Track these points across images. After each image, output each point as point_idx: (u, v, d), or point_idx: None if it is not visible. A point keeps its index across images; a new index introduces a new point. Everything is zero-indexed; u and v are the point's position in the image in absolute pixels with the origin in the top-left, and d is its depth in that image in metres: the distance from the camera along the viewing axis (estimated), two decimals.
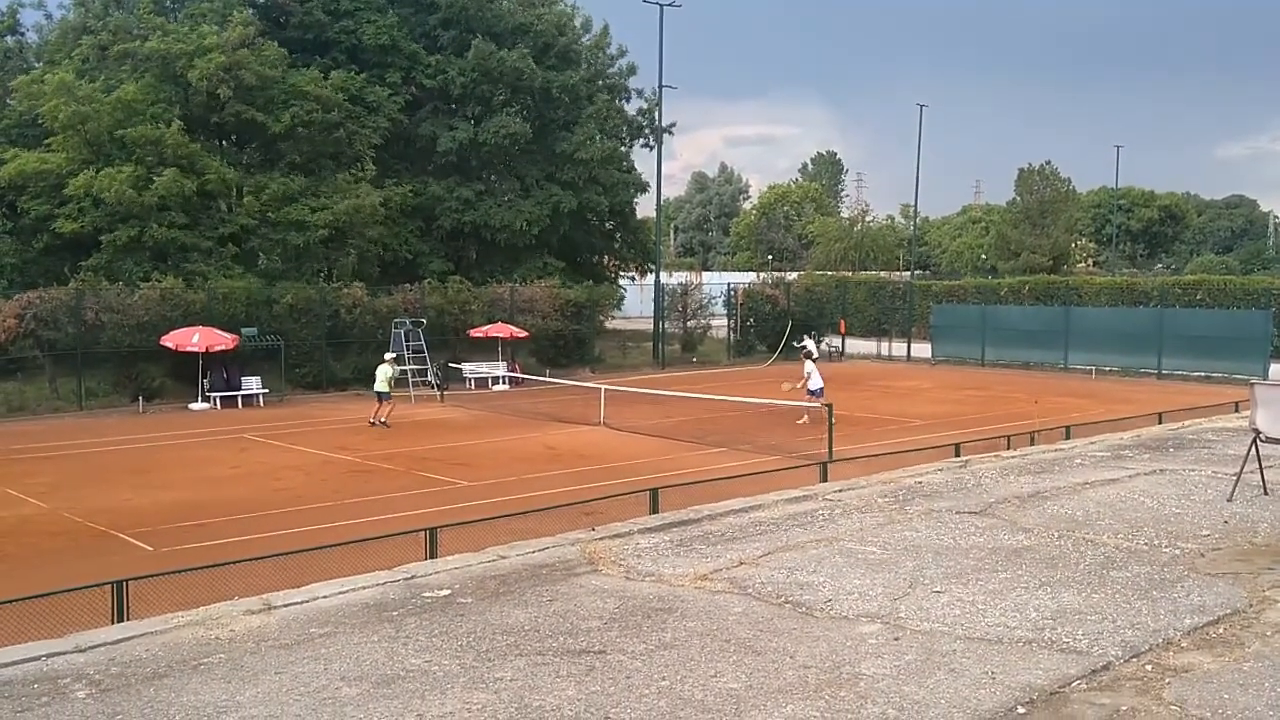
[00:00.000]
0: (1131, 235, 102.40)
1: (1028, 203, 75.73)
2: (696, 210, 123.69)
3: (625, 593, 8.43)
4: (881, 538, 10.23)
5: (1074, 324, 41.63)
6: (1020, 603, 8.09)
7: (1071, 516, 11.10)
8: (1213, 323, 38.48)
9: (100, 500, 17.69)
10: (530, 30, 45.78)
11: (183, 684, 6.50)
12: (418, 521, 13.56)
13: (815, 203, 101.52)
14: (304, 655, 7.00)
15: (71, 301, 30.58)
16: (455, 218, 43.98)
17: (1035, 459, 15.07)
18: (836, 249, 79.02)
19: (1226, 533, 10.40)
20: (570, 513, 13.39)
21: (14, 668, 6.81)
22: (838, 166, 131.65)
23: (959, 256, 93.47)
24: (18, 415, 28.59)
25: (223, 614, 7.85)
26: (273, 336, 32.90)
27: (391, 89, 42.55)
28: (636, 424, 26.14)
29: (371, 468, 21.27)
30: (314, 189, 38.25)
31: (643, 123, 51.18)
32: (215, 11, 39.50)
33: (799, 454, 20.86)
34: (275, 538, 14.52)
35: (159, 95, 36.49)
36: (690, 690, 6.36)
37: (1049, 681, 6.48)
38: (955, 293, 51.46)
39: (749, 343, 47.57)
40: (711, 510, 11.49)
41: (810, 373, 27.19)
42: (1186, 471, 13.86)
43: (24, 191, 35.10)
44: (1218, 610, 7.89)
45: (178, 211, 35.03)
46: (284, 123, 37.19)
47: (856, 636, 7.36)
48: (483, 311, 37.72)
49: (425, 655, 7.00)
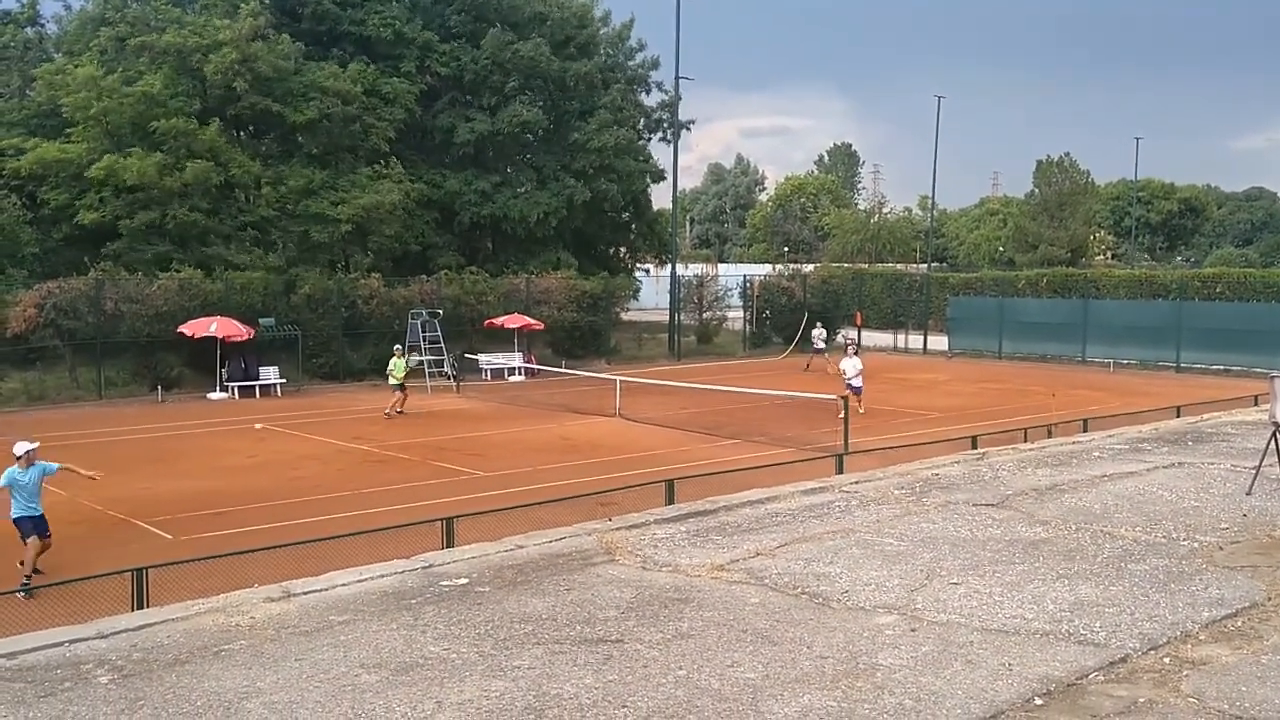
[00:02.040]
0: (1150, 228, 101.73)
1: (1046, 195, 75.32)
2: (712, 202, 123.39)
3: (642, 582, 8.46)
4: (898, 529, 10.22)
5: (1092, 317, 41.44)
6: (1038, 595, 8.08)
7: (1089, 509, 11.06)
8: (1232, 316, 38.24)
9: (119, 489, 17.82)
10: (548, 20, 45.65)
11: (204, 670, 6.56)
12: (434, 511, 13.62)
13: (831, 195, 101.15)
14: (324, 642, 7.04)
15: (91, 291, 30.78)
16: (474, 211, 44.02)
17: (1053, 452, 15.02)
18: (853, 241, 78.65)
19: (1245, 526, 10.35)
20: (587, 503, 13.43)
21: (37, 653, 6.88)
22: (854, 158, 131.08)
23: (976, 249, 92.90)
24: (38, 404, 28.82)
25: (243, 601, 7.91)
26: (290, 327, 33.06)
27: (407, 79, 42.57)
28: (652, 415, 26.16)
29: (388, 458, 21.36)
30: (332, 183, 38.37)
31: (662, 116, 51.08)
32: (226, 3, 39.57)
33: (815, 446, 20.85)
34: (293, 526, 14.61)
35: (177, 88, 36.66)
36: (707, 680, 6.38)
37: (1066, 673, 6.48)
38: (972, 285, 51.24)
39: (765, 335, 47.52)
40: (728, 501, 11.50)
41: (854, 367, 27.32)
42: (1205, 465, 13.79)
43: (44, 182, 35.34)
44: (1236, 603, 7.86)
45: (200, 198, 35.23)
46: (307, 116, 37.30)
47: (873, 627, 7.36)
48: (499, 303, 37.80)
49: (443, 643, 7.04)
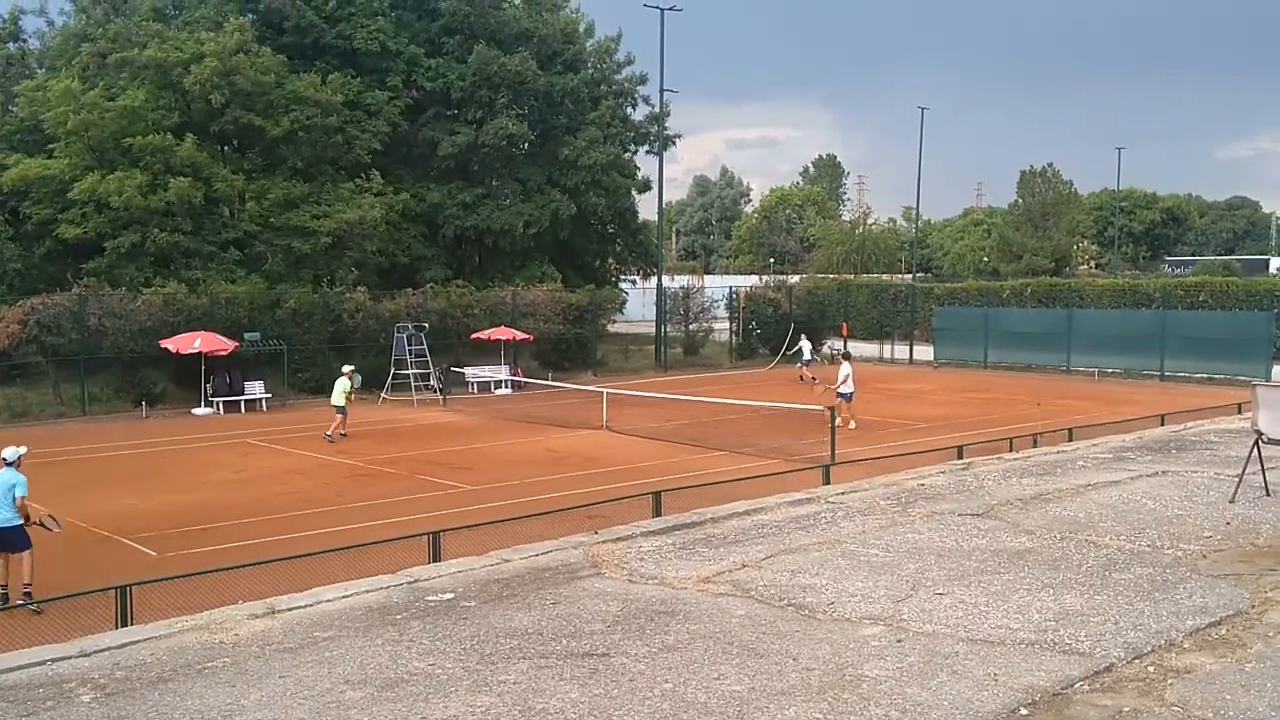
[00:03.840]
0: (1134, 237, 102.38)
1: (1030, 205, 75.77)
2: (698, 214, 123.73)
3: (628, 595, 8.45)
4: (884, 540, 10.24)
5: (1076, 326, 41.61)
6: (1023, 604, 8.10)
7: (1074, 518, 11.10)
8: (1215, 324, 38.46)
9: (103, 505, 17.71)
10: (534, 36, 45.74)
11: (187, 688, 6.52)
12: (420, 525, 13.58)
13: (817, 206, 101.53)
14: (308, 659, 7.01)
15: (75, 307, 30.62)
16: (458, 224, 44.02)
17: (1038, 461, 15.08)
18: (838, 252, 78.96)
19: (1229, 534, 10.40)
20: (573, 516, 13.41)
21: (20, 672, 6.83)
22: (839, 169, 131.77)
23: (961, 259, 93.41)
24: (20, 421, 28.62)
25: (227, 618, 7.87)
26: (275, 341, 32.94)
27: (392, 92, 42.59)
28: (639, 427, 26.15)
29: (374, 472, 21.29)
30: (315, 195, 38.33)
31: (647, 129, 51.23)
32: (209, 19, 39.56)
33: (802, 456, 20.86)
34: (278, 542, 14.54)
35: (159, 102, 36.58)
36: (693, 693, 6.37)
37: (1051, 683, 6.49)
38: (957, 295, 51.46)
39: (751, 346, 47.57)
40: (714, 513, 11.50)
41: (847, 375, 26.99)
42: (1189, 473, 13.86)
43: (26, 197, 35.19)
44: (1220, 611, 7.89)
45: (183, 217, 35.13)
46: (283, 127, 37.25)
47: (859, 639, 7.37)
48: (485, 315, 37.75)
49: (429, 658, 7.01)
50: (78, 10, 43.43)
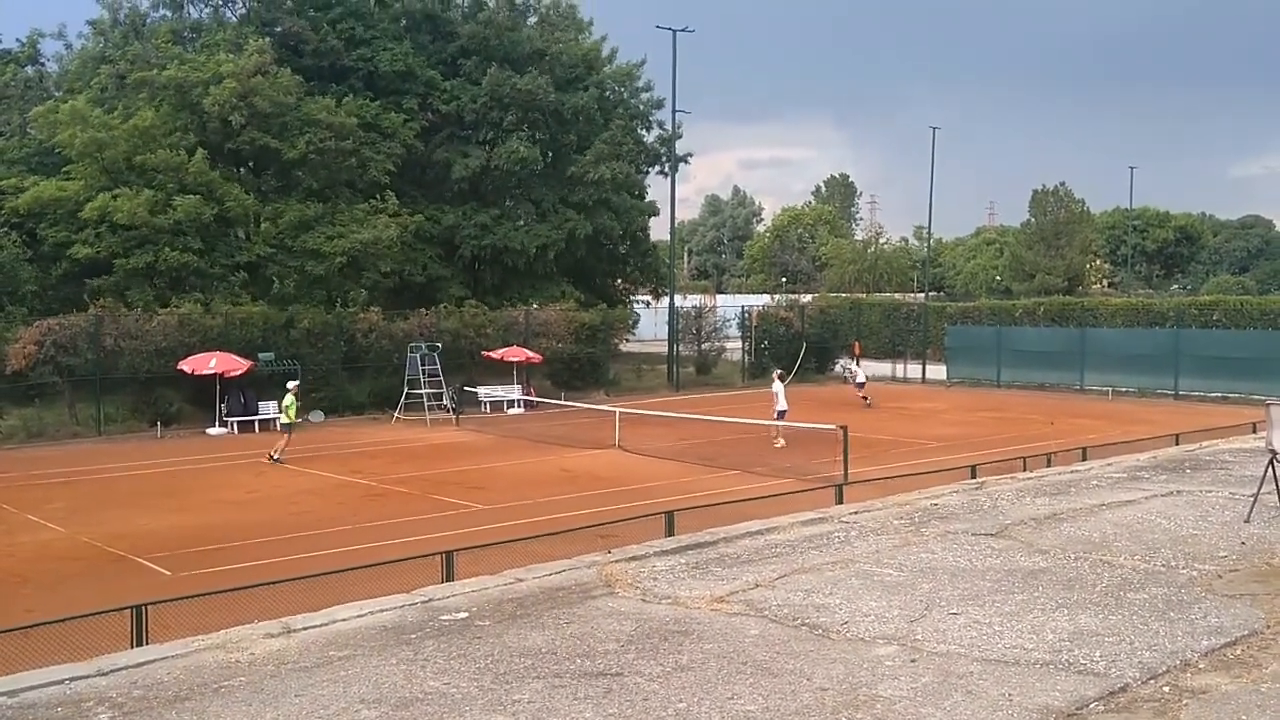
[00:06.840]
0: (1147, 256, 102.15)
1: (1042, 224, 75.70)
2: (710, 233, 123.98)
3: (642, 615, 8.45)
4: (898, 559, 10.22)
5: (1090, 345, 41.49)
6: (1037, 624, 8.07)
7: (1088, 538, 11.06)
8: (1230, 343, 38.30)
9: (118, 525, 17.80)
10: (546, 55, 45.93)
11: (204, 707, 6.55)
12: (434, 545, 13.60)
13: (829, 225, 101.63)
14: (323, 678, 7.03)
15: (90, 328, 30.85)
16: (474, 244, 44.21)
17: (1051, 480, 15.02)
18: (850, 271, 78.96)
19: (1244, 554, 10.35)
20: (586, 535, 13.42)
21: (37, 691, 6.86)
22: (851, 189, 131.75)
23: (973, 278, 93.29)
24: (37, 441, 28.80)
25: (243, 637, 7.90)
26: (290, 361, 33.08)
27: (408, 115, 42.86)
28: (651, 447, 26.15)
29: (387, 491, 21.35)
30: (330, 216, 38.53)
31: (660, 150, 51.40)
32: (230, 41, 39.91)
33: (815, 476, 20.84)
34: (292, 561, 14.59)
35: (175, 123, 36.88)
36: (707, 712, 6.37)
37: (1066, 703, 6.47)
38: (970, 314, 51.37)
39: (763, 365, 47.55)
40: (727, 533, 11.49)
41: (778, 393, 27.50)
42: (1204, 493, 13.80)
43: (43, 219, 35.49)
44: (1235, 631, 7.85)
45: (193, 236, 35.33)
46: (298, 149, 37.50)
47: (873, 658, 7.35)
48: (498, 335, 37.86)
49: (443, 678, 7.03)
50: (96, 33, 43.85)
